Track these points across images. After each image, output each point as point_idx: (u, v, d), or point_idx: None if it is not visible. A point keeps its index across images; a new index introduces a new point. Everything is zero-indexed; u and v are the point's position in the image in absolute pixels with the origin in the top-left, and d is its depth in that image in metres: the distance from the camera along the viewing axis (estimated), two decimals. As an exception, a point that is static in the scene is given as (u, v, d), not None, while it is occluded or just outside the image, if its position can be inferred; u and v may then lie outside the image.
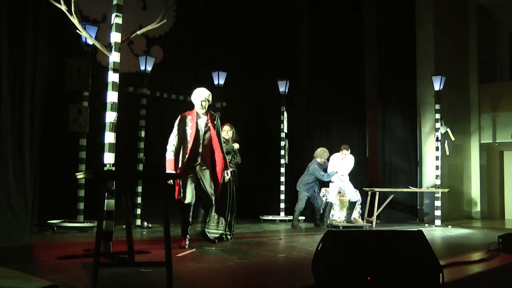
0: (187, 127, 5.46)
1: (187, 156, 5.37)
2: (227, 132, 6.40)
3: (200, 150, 5.47)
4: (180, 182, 5.35)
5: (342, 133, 11.28)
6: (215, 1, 10.70)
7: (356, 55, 11.55)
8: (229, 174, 5.88)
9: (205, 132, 5.53)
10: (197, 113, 5.54)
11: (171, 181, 5.16)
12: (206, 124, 5.55)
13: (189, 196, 5.36)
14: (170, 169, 5.29)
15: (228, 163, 5.78)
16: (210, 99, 5.62)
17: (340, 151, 8.87)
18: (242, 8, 11.07)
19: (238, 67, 10.61)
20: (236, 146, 6.55)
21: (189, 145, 5.39)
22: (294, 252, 5.35)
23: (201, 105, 5.49)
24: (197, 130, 5.48)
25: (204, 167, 5.51)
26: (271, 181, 10.37)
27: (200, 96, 5.51)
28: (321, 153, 8.94)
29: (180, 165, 5.37)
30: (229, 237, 6.28)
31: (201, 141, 5.49)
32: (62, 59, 7.14)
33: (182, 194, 5.35)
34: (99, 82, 6.77)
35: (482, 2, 13.29)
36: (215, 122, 5.62)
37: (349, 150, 8.88)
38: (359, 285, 2.95)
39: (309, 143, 11.19)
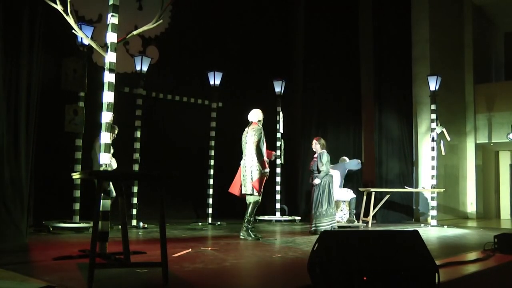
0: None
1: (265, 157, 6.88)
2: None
3: None
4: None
5: (338, 133, 11.30)
6: (211, 2, 10.69)
7: (352, 56, 11.57)
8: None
9: None
10: None
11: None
12: None
13: None
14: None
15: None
16: None
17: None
18: (238, 9, 11.06)
19: (234, 67, 10.60)
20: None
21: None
22: (290, 252, 5.35)
23: None
24: None
25: None
26: (267, 181, 10.34)
27: None
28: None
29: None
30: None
31: None
32: (58, 59, 7.11)
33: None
34: (95, 83, 6.76)
35: (478, 2, 13.34)
36: None
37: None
38: (355, 285, 2.95)
39: (304, 144, 11.18)
